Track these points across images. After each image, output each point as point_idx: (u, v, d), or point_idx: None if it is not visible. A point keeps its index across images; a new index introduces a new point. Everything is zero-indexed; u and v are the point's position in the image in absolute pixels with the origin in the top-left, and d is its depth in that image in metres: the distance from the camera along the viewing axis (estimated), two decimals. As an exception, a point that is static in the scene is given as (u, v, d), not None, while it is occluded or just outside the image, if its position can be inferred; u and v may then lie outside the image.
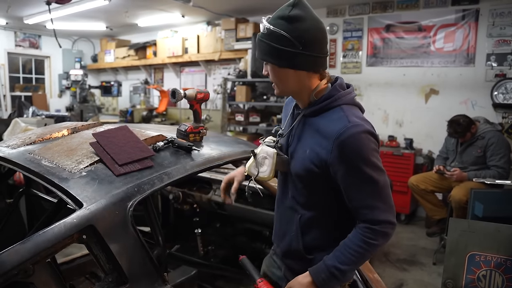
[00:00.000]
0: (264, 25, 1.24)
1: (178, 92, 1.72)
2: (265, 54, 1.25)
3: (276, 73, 1.26)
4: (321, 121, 1.24)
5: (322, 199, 1.30)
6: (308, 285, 1.24)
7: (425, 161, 4.85)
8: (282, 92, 1.32)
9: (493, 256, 2.23)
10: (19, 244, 1.12)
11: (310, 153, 1.23)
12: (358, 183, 1.18)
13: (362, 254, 1.20)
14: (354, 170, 1.16)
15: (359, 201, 1.20)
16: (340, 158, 1.16)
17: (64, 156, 1.54)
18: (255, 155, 1.34)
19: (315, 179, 1.26)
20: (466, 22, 4.63)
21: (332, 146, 1.16)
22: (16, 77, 8.46)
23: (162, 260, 1.68)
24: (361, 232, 1.20)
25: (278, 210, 1.48)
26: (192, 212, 2.93)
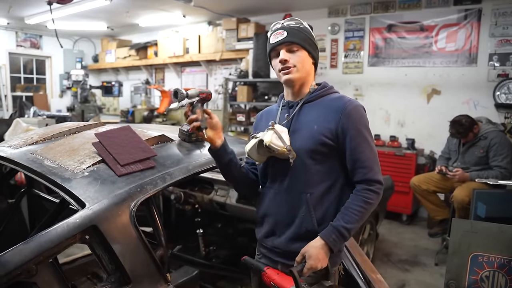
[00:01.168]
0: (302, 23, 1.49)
1: (180, 92, 1.71)
2: (303, 41, 1.45)
3: (306, 61, 1.47)
4: (323, 102, 1.47)
5: (330, 171, 1.45)
6: (322, 246, 1.37)
7: (427, 161, 4.84)
8: (298, 78, 1.47)
9: (497, 256, 2.22)
10: (22, 244, 1.12)
11: (319, 127, 1.42)
12: (360, 145, 1.40)
13: (363, 213, 1.39)
14: (358, 134, 1.40)
15: (361, 162, 1.40)
16: (348, 124, 1.40)
17: (66, 156, 1.54)
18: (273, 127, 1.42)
19: (325, 151, 1.42)
20: (469, 21, 4.62)
21: (341, 116, 1.40)
22: (17, 77, 8.46)
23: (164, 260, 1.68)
24: (360, 194, 1.40)
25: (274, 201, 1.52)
26: (193, 212, 2.93)
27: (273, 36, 1.47)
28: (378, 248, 3.83)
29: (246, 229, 2.99)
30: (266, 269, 1.47)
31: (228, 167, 1.55)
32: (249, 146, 1.46)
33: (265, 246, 1.59)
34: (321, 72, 5.83)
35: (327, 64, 5.79)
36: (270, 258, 1.57)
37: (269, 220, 1.54)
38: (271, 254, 1.57)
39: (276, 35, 1.46)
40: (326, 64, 5.80)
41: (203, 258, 2.84)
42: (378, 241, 3.87)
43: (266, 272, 1.46)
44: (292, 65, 1.44)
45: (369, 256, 3.43)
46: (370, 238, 3.51)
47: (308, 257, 1.37)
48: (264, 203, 1.56)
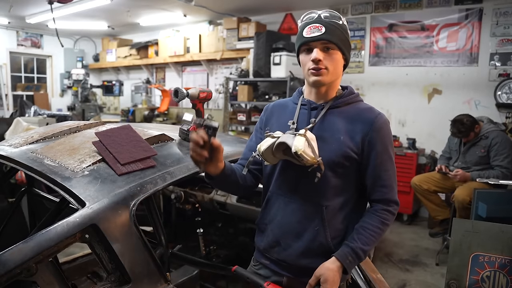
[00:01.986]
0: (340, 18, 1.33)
1: (181, 91, 1.72)
2: (340, 41, 1.30)
3: (339, 63, 1.33)
4: (352, 110, 1.36)
5: (347, 185, 1.35)
6: (338, 269, 1.28)
7: (428, 161, 4.83)
8: (329, 79, 1.32)
9: (497, 257, 2.21)
10: (22, 243, 1.11)
11: (345, 138, 1.31)
12: (385, 163, 1.33)
13: (379, 234, 1.32)
14: (384, 151, 1.32)
15: (383, 180, 1.33)
16: (376, 139, 1.30)
17: (66, 155, 1.54)
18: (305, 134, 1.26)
19: (347, 164, 1.32)
20: (470, 21, 4.61)
21: (370, 128, 1.30)
22: (18, 76, 8.47)
23: (164, 259, 1.68)
24: (378, 214, 1.32)
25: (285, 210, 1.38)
26: (194, 211, 2.93)
27: (307, 29, 1.29)
28: (378, 248, 3.83)
29: (246, 229, 2.98)
30: (266, 286, 1.37)
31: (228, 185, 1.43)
32: (265, 146, 1.29)
33: (268, 257, 1.46)
34: (322, 71, 5.81)
35: (328, 64, 5.77)
36: (273, 270, 1.45)
37: (275, 229, 1.41)
38: (275, 266, 1.44)
39: (312, 28, 1.28)
40: (327, 64, 5.78)
41: (203, 258, 2.84)
42: (379, 241, 3.86)
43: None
44: (324, 67, 1.29)
45: (369, 256, 3.41)
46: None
47: (324, 280, 1.26)
48: (271, 210, 1.42)
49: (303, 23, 1.33)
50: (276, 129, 1.37)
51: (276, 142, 1.28)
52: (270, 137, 1.30)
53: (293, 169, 1.34)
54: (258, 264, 1.52)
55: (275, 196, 1.42)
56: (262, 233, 1.47)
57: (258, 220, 1.49)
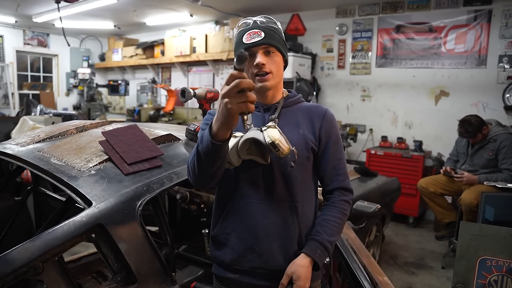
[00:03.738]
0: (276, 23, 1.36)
1: (188, 91, 1.71)
2: (280, 43, 1.32)
3: (280, 65, 1.34)
4: (301, 107, 1.42)
5: (309, 179, 1.39)
6: (309, 264, 1.28)
7: (435, 163, 4.79)
8: (274, 83, 1.32)
9: (505, 261, 2.18)
10: (29, 242, 1.11)
11: (304, 131, 1.35)
12: (339, 152, 1.40)
13: (341, 225, 1.36)
14: (337, 141, 1.39)
15: (338, 169, 1.38)
16: (329, 130, 1.37)
17: (73, 154, 1.54)
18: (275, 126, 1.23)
19: (309, 156, 1.35)
20: (478, 23, 4.58)
21: (323, 121, 1.37)
22: (24, 75, 8.51)
23: (170, 260, 1.67)
24: (337, 205, 1.36)
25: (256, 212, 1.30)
26: (199, 212, 2.92)
27: (247, 35, 1.28)
28: (384, 250, 3.80)
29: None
30: None
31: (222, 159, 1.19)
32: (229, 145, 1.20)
33: (238, 269, 1.35)
34: (329, 72, 5.80)
35: (334, 65, 5.76)
36: (248, 283, 1.34)
37: (244, 235, 1.31)
38: (249, 278, 1.34)
39: (251, 34, 1.28)
40: (333, 65, 5.76)
41: (208, 258, 2.83)
42: (384, 243, 3.84)
43: None
44: (268, 71, 1.28)
45: (375, 258, 3.39)
46: (376, 240, 3.48)
47: (296, 278, 1.24)
48: (234, 216, 1.33)
49: (241, 30, 1.33)
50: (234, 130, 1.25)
51: (241, 140, 1.22)
52: (232, 137, 1.19)
53: (258, 169, 1.30)
54: (224, 282, 1.40)
55: (241, 201, 1.32)
56: (224, 244, 1.35)
57: (216, 232, 1.37)
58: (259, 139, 1.20)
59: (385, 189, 3.59)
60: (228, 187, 1.35)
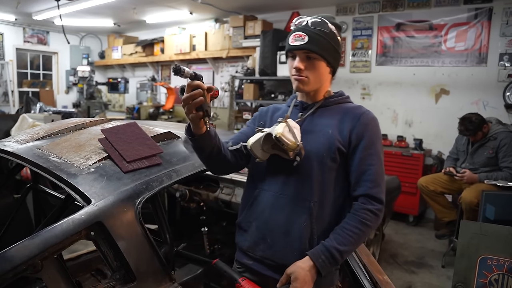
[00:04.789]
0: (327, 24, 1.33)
1: (188, 89, 1.70)
2: (324, 50, 1.31)
3: (321, 69, 1.33)
4: (341, 108, 1.38)
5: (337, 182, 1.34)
6: (310, 268, 1.25)
7: (435, 162, 4.79)
8: (311, 88, 1.35)
9: (506, 260, 2.18)
10: (28, 240, 1.11)
11: (333, 132, 1.32)
12: (371, 157, 1.30)
13: (358, 235, 1.27)
14: (371, 145, 1.30)
15: (368, 175, 1.29)
16: (363, 132, 1.30)
17: (72, 152, 1.53)
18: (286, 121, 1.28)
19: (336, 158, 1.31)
20: (479, 21, 4.56)
21: (357, 122, 1.31)
22: (24, 73, 8.50)
23: (169, 258, 1.66)
24: (358, 214, 1.28)
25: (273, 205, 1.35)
26: (198, 210, 2.91)
27: (293, 37, 1.31)
28: (384, 249, 3.80)
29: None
30: (241, 280, 1.32)
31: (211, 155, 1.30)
32: (253, 140, 1.30)
33: (252, 257, 1.40)
34: (328, 70, 5.78)
35: (334, 63, 5.74)
36: (258, 271, 1.39)
37: (261, 225, 1.36)
38: (260, 266, 1.39)
39: (296, 36, 1.30)
40: (333, 63, 5.74)
41: (207, 257, 2.83)
42: (384, 242, 3.84)
43: (242, 284, 1.31)
44: (305, 76, 1.31)
45: (375, 257, 3.39)
46: (376, 238, 3.48)
47: (294, 279, 1.24)
48: (258, 207, 1.38)
49: (292, 27, 1.37)
50: (268, 126, 1.35)
51: (263, 135, 1.30)
52: (260, 132, 1.32)
53: (283, 164, 1.33)
54: (241, 267, 1.46)
55: (263, 192, 1.38)
56: (246, 232, 1.42)
57: (241, 219, 1.45)
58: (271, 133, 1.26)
59: (385, 188, 3.58)
60: (257, 178, 1.42)
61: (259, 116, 1.52)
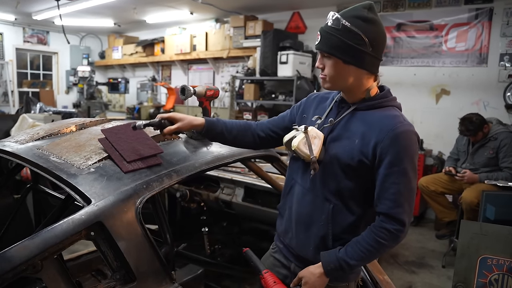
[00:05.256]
0: (339, 20, 1.26)
1: (188, 89, 1.70)
2: (333, 48, 1.26)
3: (337, 68, 1.28)
4: (375, 115, 1.29)
5: (361, 190, 1.31)
6: (320, 275, 1.30)
7: (435, 162, 4.79)
8: (333, 87, 1.33)
9: (506, 260, 2.19)
10: (28, 240, 1.11)
11: (359, 143, 1.27)
12: (396, 175, 1.22)
13: (371, 252, 1.26)
14: (397, 162, 1.22)
15: (390, 193, 1.23)
16: (389, 147, 1.22)
17: (72, 152, 1.53)
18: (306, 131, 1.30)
19: (359, 169, 1.28)
20: (479, 21, 4.56)
21: (385, 136, 1.22)
22: (24, 73, 8.51)
23: (169, 258, 1.66)
24: (375, 232, 1.25)
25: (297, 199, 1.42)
26: (199, 210, 2.91)
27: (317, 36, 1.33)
28: (384, 249, 3.79)
29: (251, 228, 2.96)
30: (264, 273, 1.41)
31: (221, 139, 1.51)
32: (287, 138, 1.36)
33: (282, 242, 1.51)
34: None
35: (334, 63, 5.74)
36: (284, 255, 1.50)
37: (290, 215, 1.45)
38: (286, 252, 1.50)
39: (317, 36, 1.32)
40: (333, 63, 5.74)
41: (208, 257, 2.82)
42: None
43: (264, 277, 1.41)
44: (325, 74, 1.31)
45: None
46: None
47: (304, 283, 1.31)
48: (292, 197, 1.45)
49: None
50: (310, 119, 1.41)
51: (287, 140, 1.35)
52: (295, 130, 1.35)
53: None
54: (275, 247, 1.57)
55: (297, 185, 1.44)
56: (282, 217, 1.51)
57: (280, 205, 1.54)
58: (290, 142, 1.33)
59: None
60: (294, 170, 1.47)
61: (304, 105, 1.52)
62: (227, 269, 2.83)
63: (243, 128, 1.53)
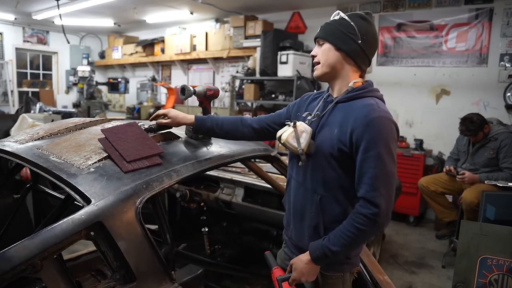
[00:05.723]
0: (340, 14, 1.41)
1: (188, 89, 1.70)
2: (328, 34, 1.40)
3: (329, 54, 1.40)
4: (353, 105, 1.36)
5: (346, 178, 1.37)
6: (307, 262, 1.37)
7: (435, 162, 4.79)
8: (323, 74, 1.43)
9: (506, 260, 2.19)
10: (28, 240, 1.11)
11: (338, 132, 1.34)
12: (372, 160, 1.27)
13: (352, 239, 1.30)
14: (372, 147, 1.27)
15: (366, 178, 1.28)
16: (363, 133, 1.27)
17: (72, 151, 1.52)
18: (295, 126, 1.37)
19: (340, 157, 1.34)
20: (480, 21, 4.56)
21: (359, 123, 1.29)
22: (23, 72, 8.50)
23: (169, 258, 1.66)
24: (353, 218, 1.30)
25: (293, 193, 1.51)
26: (199, 210, 2.92)
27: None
28: (384, 249, 3.79)
29: (251, 228, 2.96)
30: (274, 269, 1.50)
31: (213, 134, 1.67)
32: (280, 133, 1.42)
33: (286, 234, 1.61)
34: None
35: (334, 63, 5.74)
36: (289, 248, 1.59)
37: (289, 208, 1.55)
38: (290, 244, 1.58)
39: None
40: (333, 63, 5.74)
41: (208, 257, 2.83)
42: (385, 242, 3.83)
43: (273, 272, 1.49)
44: (317, 61, 1.43)
45: (375, 257, 3.39)
46: (376, 239, 3.47)
47: (293, 269, 1.40)
48: (288, 191, 1.57)
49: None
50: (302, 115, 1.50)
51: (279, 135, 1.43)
52: (287, 125, 1.41)
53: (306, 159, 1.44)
54: (284, 242, 1.66)
55: (292, 179, 1.53)
56: (285, 211, 1.61)
57: (283, 199, 1.65)
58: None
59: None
60: (290, 165, 1.56)
61: (298, 104, 1.61)
62: (227, 269, 2.83)
63: (234, 122, 1.65)
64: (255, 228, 2.92)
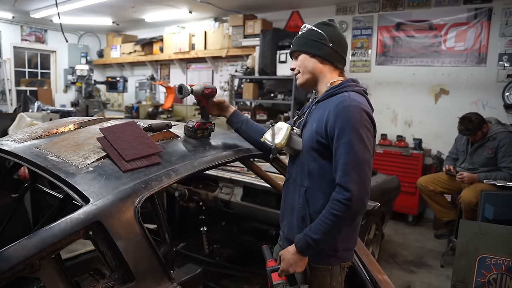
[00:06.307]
0: (307, 26, 1.56)
1: (185, 88, 1.69)
2: (301, 45, 1.55)
3: (306, 62, 1.54)
4: (330, 101, 1.47)
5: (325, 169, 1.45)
6: (294, 253, 1.44)
7: (434, 162, 4.79)
8: (305, 82, 1.57)
9: (505, 259, 2.19)
10: (26, 239, 1.10)
11: (316, 126, 1.46)
12: (342, 147, 1.35)
13: (330, 226, 1.36)
14: (342, 135, 1.35)
15: (339, 164, 1.36)
16: (335, 123, 1.37)
17: (70, 151, 1.52)
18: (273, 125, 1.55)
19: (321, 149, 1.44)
20: (478, 21, 4.56)
21: (331, 114, 1.39)
22: (21, 71, 8.47)
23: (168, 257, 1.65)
24: (330, 205, 1.37)
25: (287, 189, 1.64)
26: (197, 209, 2.91)
27: None
28: (383, 249, 3.80)
29: (250, 228, 2.96)
30: (268, 261, 1.57)
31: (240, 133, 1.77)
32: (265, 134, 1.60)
33: (281, 229, 1.69)
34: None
35: (333, 62, 5.74)
36: (283, 241, 1.66)
37: (284, 203, 1.65)
38: (283, 237, 1.66)
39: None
40: (332, 62, 5.74)
41: (206, 256, 2.82)
42: (384, 242, 3.84)
43: (267, 264, 1.55)
44: (297, 71, 1.57)
45: (374, 257, 3.39)
46: (375, 238, 3.47)
47: (282, 260, 1.47)
48: (285, 188, 1.67)
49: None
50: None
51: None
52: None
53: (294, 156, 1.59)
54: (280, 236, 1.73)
55: (287, 175, 1.66)
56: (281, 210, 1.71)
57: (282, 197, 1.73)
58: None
59: (385, 187, 3.58)
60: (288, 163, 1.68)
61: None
62: (226, 269, 2.83)
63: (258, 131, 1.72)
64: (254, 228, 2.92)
